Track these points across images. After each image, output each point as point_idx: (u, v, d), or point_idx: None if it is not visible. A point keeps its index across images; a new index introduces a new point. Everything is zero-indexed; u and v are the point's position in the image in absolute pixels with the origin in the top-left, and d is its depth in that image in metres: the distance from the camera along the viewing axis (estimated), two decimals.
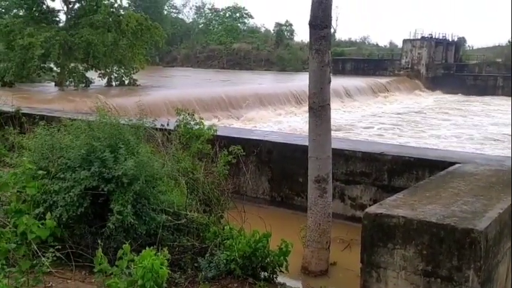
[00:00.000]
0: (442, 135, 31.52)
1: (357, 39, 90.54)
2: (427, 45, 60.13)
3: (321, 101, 4.92)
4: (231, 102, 32.01)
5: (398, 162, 6.56)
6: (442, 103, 50.21)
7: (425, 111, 42.82)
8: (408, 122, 36.97)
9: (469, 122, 37.76)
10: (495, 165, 6.12)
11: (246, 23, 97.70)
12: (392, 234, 3.91)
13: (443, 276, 3.77)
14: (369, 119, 37.80)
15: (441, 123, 36.82)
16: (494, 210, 4.16)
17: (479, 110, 45.36)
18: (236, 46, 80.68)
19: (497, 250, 4.18)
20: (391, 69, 61.36)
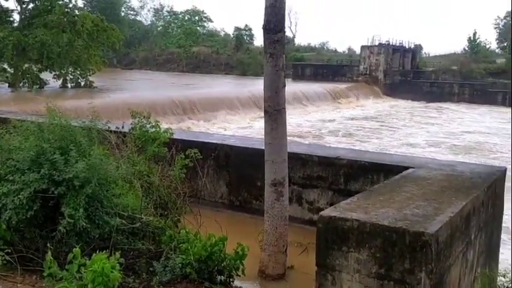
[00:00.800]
0: (398, 140, 32.36)
1: (316, 45, 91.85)
2: (385, 51, 61.63)
3: (276, 104, 4.96)
4: (196, 106, 31.92)
5: (354, 167, 6.67)
6: (399, 109, 51.51)
7: (382, 117, 43.86)
8: (366, 127, 37.78)
9: (424, 128, 38.91)
10: (447, 170, 6.29)
11: (206, 27, 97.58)
12: (346, 237, 3.97)
13: (396, 279, 3.85)
14: (328, 124, 38.41)
15: (398, 128, 37.79)
16: (446, 214, 4.28)
17: (435, 116, 46.82)
18: (195, 49, 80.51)
19: (449, 253, 4.29)
20: (350, 75, 62.57)
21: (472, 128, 38.89)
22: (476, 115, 48.23)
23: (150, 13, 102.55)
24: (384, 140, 32.13)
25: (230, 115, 34.24)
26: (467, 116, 47.30)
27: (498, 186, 6.32)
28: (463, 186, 5.44)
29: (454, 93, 60.44)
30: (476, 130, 37.95)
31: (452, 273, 4.46)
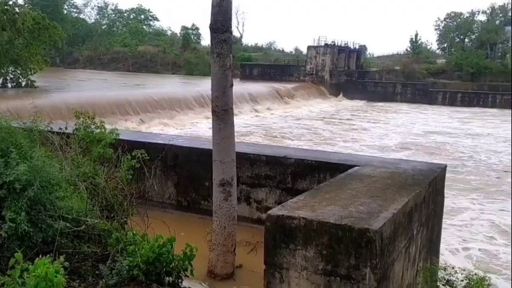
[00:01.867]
0: (343, 138, 33.09)
1: (263, 45, 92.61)
2: (330, 52, 62.86)
3: (223, 104, 4.97)
4: (141, 106, 31.44)
5: (301, 166, 6.78)
6: (344, 109, 52.69)
7: (329, 116, 44.72)
8: (312, 126, 38.40)
9: (369, 127, 39.96)
10: (391, 167, 6.50)
11: (152, 26, 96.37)
12: (293, 235, 4.03)
13: (342, 275, 3.95)
14: (275, 123, 38.76)
15: (344, 127, 38.63)
16: (389, 210, 4.42)
17: (380, 115, 48.17)
18: (142, 49, 79.29)
19: (393, 249, 4.44)
20: (297, 75, 63.44)
21: (415, 129, 40.21)
22: (418, 114, 50.03)
23: (94, 11, 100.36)
24: (331, 139, 32.77)
25: (179, 115, 33.94)
26: (410, 115, 48.98)
27: (439, 182, 6.59)
28: (405, 183, 5.63)
29: (397, 92, 62.43)
30: (418, 128, 39.40)
31: (396, 267, 4.62)
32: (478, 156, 27.77)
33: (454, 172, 22.56)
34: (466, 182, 20.91)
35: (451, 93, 60.67)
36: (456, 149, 29.92)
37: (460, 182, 20.72)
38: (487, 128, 40.70)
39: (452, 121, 45.06)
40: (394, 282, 4.58)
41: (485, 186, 20.28)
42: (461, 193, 18.86)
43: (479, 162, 26.07)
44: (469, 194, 18.85)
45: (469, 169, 24.09)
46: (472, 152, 29.20)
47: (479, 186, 20.13)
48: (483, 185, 20.38)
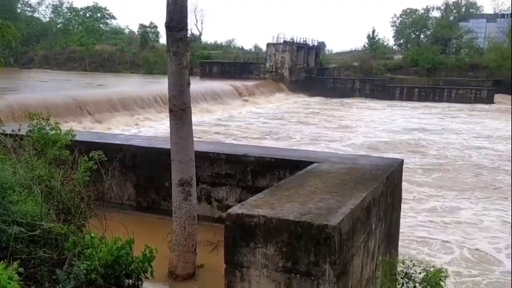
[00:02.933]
0: (304, 135, 33.40)
1: (222, 42, 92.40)
2: (289, 49, 63.25)
3: (181, 103, 4.93)
4: (98, 106, 30.91)
5: (260, 163, 6.81)
6: (304, 105, 53.16)
7: (288, 113, 45.02)
8: (272, 124, 38.57)
9: (331, 122, 40.47)
10: (349, 163, 6.60)
11: (109, 24, 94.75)
12: (253, 233, 4.05)
13: (302, 272, 3.99)
14: (235, 121, 38.75)
15: (303, 123, 38.98)
16: (347, 206, 4.48)
17: (339, 110, 48.83)
18: (99, 48, 77.84)
19: (352, 244, 4.51)
20: (257, 73, 63.56)
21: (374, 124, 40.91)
22: (377, 109, 50.99)
23: (48, 10, 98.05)
24: (291, 135, 33.01)
25: (136, 114, 33.48)
26: (370, 111, 49.89)
27: (396, 177, 6.74)
28: (363, 178, 5.72)
29: (356, 88, 63.45)
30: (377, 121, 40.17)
31: (355, 262, 4.69)
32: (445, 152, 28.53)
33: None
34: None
35: (408, 88, 62.09)
36: (418, 144, 30.70)
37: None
38: (467, 123, 41.73)
39: (410, 116, 46.21)
40: (353, 277, 4.66)
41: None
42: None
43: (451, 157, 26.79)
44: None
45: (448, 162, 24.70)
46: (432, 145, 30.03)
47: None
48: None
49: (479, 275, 11.37)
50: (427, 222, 15.11)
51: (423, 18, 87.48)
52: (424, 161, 24.78)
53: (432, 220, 15.33)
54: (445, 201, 17.38)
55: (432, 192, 18.57)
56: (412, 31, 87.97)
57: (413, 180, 19.92)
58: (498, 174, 21.73)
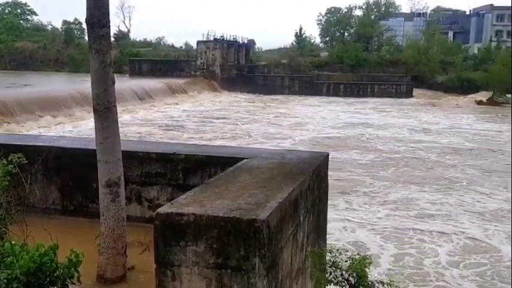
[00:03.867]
0: (236, 131, 33.53)
1: (152, 40, 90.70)
2: (220, 47, 63.25)
3: (105, 102, 4.77)
4: (19, 106, 29.47)
5: (191, 161, 6.74)
6: (236, 101, 53.33)
7: (220, 110, 45.00)
8: (206, 120, 38.41)
9: (279, 118, 40.88)
10: (278, 158, 6.69)
11: (30, 20, 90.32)
12: (183, 232, 4.00)
13: (233, 267, 3.99)
14: (169, 119, 38.22)
15: (236, 120, 39.10)
16: (276, 200, 4.54)
17: (271, 106, 49.39)
18: (19, 45, 74.19)
19: (280, 236, 4.58)
20: (188, 70, 63.11)
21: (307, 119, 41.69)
22: (312, 106, 52.06)
23: None
24: (222, 131, 33.03)
25: (61, 115, 32.20)
26: (306, 107, 50.85)
27: (322, 170, 6.91)
28: (291, 172, 5.82)
29: (286, 85, 64.58)
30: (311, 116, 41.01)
31: (285, 254, 4.77)
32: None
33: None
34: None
35: (335, 84, 63.93)
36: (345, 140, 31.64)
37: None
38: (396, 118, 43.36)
39: (338, 111, 47.56)
40: (283, 269, 4.73)
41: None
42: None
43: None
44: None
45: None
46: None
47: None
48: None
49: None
50: (395, 211, 16.02)
51: (346, 17, 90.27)
52: (377, 156, 25.77)
53: (398, 209, 16.29)
54: (405, 192, 18.30)
55: (392, 184, 19.48)
56: (336, 29, 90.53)
57: (373, 174, 20.78)
58: (446, 167, 23.07)
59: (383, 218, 15.85)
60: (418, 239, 14.28)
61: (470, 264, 12.63)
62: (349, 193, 18.68)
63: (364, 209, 16.82)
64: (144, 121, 35.93)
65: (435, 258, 12.96)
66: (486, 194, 18.81)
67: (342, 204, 17.31)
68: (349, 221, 15.53)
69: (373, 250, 13.28)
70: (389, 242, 13.93)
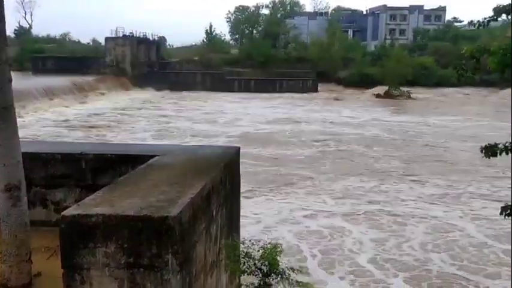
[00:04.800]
0: (148, 128, 32.79)
1: (56, 36, 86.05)
2: (130, 43, 61.44)
3: (2, 102, 4.41)
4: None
5: (100, 161, 6.44)
6: (151, 99, 52.12)
7: (132, 108, 43.74)
8: (117, 118, 37.17)
9: (172, 114, 40.24)
10: (190, 154, 6.59)
11: None
12: (92, 233, 3.81)
13: (146, 265, 3.86)
14: (77, 119, 36.51)
15: (147, 117, 38.20)
16: (187, 195, 4.45)
17: (179, 103, 48.79)
18: None
19: (193, 232, 4.50)
20: (97, 68, 60.62)
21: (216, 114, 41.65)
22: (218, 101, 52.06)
23: None
24: (132, 130, 32.17)
25: None
26: (227, 103, 50.74)
27: (234, 164, 6.90)
28: (203, 168, 5.76)
29: (198, 82, 64.20)
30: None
31: (198, 249, 4.70)
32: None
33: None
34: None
35: (246, 80, 64.58)
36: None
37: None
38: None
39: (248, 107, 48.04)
40: (197, 263, 4.67)
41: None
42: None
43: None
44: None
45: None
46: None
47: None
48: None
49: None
50: (342, 199, 17.10)
51: (254, 15, 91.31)
52: (311, 149, 26.27)
53: (344, 198, 17.00)
54: (346, 183, 19.34)
55: (333, 176, 20.08)
56: (245, 27, 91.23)
57: (316, 168, 21.26)
58: (377, 159, 24.13)
59: (334, 206, 16.79)
60: (373, 219, 15.51)
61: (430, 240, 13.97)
62: (294, 184, 19.29)
63: (313, 198, 17.62)
64: (50, 121, 34.05)
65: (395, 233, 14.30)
66: (419, 181, 20.10)
67: (292, 194, 17.98)
68: (305, 209, 16.28)
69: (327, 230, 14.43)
70: (351, 225, 15.00)
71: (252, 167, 20.84)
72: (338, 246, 13.31)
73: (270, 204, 16.61)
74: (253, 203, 16.47)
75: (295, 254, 12.57)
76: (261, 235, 12.59)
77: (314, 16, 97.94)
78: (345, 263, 12.17)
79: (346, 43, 76.35)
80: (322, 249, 13.04)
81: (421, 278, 11.42)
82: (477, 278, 11.45)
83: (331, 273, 11.63)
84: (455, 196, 18.00)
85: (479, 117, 39.79)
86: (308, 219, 15.36)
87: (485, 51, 4.91)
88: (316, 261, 12.31)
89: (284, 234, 13.94)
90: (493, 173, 20.59)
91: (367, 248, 13.16)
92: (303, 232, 14.24)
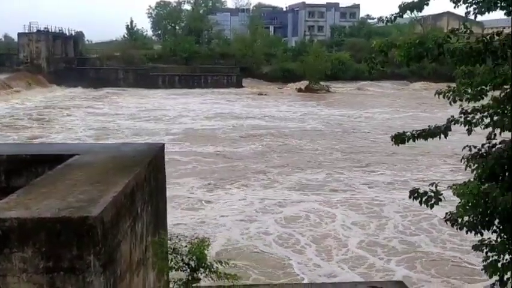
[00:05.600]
0: (70, 127, 31.39)
1: None
2: (45, 39, 58.34)
3: None
4: None
5: (15, 162, 6.05)
6: (65, 96, 49.85)
7: (47, 108, 41.53)
8: (31, 117, 35.22)
9: (92, 111, 38.80)
10: (112, 152, 6.37)
11: None
12: (6, 238, 3.57)
13: (66, 268, 3.69)
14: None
15: (65, 115, 36.58)
16: (110, 194, 4.31)
17: (101, 102, 47.09)
18: None
19: (117, 231, 4.36)
20: (10, 64, 57.04)
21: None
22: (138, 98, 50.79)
23: None
24: (50, 129, 30.70)
25: None
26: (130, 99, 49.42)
27: (158, 160, 6.76)
28: (126, 165, 5.59)
29: (120, 78, 62.33)
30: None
31: (123, 248, 4.56)
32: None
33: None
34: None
35: (170, 76, 63.55)
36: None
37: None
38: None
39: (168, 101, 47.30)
40: (122, 263, 4.53)
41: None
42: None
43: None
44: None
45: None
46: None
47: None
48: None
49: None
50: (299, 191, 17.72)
51: (176, 11, 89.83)
52: (258, 143, 26.19)
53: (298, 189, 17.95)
54: (301, 175, 20.02)
55: (287, 169, 20.20)
56: (168, 22, 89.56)
57: (267, 162, 21.31)
58: (322, 151, 24.52)
59: (301, 195, 17.46)
60: (347, 204, 16.45)
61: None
62: (251, 178, 19.56)
63: (276, 190, 18.11)
64: None
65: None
66: (367, 171, 21.17)
67: (254, 187, 18.32)
68: (273, 200, 16.80)
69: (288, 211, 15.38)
70: (331, 209, 15.81)
71: (207, 164, 21.11)
72: (325, 228, 14.17)
73: (235, 197, 17.01)
74: (222, 197, 16.84)
75: (287, 237, 13.49)
76: (247, 222, 14.26)
77: (236, 12, 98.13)
78: (336, 245, 12.94)
79: (268, 39, 77.25)
80: (308, 230, 13.94)
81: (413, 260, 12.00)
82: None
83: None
84: (403, 181, 19.05)
85: (405, 109, 41.82)
86: (282, 208, 15.94)
87: (393, 46, 5.18)
88: (304, 238, 13.35)
89: (266, 219, 14.83)
90: (430, 161, 22.32)
91: (354, 229, 13.88)
92: (283, 218, 15.03)
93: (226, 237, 13.25)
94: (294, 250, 12.53)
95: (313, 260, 12.00)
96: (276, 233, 13.61)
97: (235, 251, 12.17)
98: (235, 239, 13.12)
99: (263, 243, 12.94)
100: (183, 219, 14.18)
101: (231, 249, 12.28)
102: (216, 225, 14.13)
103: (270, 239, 13.21)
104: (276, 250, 12.49)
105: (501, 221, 5.04)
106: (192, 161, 21.52)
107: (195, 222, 14.22)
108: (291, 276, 10.94)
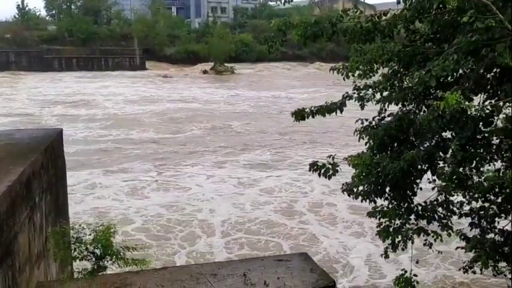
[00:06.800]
0: None
1: None
2: None
3: None
4: None
5: None
6: None
7: None
8: None
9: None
10: (4, 139, 5.97)
11: None
12: None
13: None
14: None
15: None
16: (4, 183, 4.05)
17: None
18: None
19: (13, 222, 4.11)
20: None
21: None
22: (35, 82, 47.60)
23: None
24: None
25: None
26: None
27: (56, 147, 6.42)
28: (21, 152, 5.28)
29: (12, 61, 58.08)
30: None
31: (21, 240, 4.32)
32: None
33: None
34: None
35: (67, 58, 60.11)
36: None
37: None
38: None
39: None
40: (20, 255, 4.29)
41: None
42: None
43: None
44: None
45: None
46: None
47: None
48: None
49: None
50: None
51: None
52: (197, 129, 25.27)
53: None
54: (248, 155, 19.86)
55: (232, 150, 20.53)
56: (63, 2, 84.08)
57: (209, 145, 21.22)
58: (258, 132, 24.34)
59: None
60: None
61: None
62: (202, 157, 19.32)
63: (232, 169, 17.96)
64: None
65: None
66: (311, 148, 21.38)
67: (207, 168, 17.93)
68: (239, 178, 16.61)
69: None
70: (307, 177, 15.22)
71: (152, 150, 20.39)
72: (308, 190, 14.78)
73: (201, 178, 16.73)
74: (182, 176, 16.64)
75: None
76: (234, 196, 14.47)
77: None
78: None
79: (171, 20, 75.47)
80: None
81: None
82: None
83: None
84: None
85: (322, 89, 42.41)
86: (255, 182, 16.06)
87: (291, 25, 5.30)
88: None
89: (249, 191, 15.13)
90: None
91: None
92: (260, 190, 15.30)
93: (213, 211, 13.09)
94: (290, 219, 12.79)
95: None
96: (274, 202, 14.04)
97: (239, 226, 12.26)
98: (229, 215, 12.96)
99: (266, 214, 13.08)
100: (156, 199, 13.97)
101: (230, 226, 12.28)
102: (188, 203, 13.81)
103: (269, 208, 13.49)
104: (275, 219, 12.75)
105: (391, 189, 5.40)
106: (134, 148, 20.62)
107: (167, 201, 13.81)
108: None
